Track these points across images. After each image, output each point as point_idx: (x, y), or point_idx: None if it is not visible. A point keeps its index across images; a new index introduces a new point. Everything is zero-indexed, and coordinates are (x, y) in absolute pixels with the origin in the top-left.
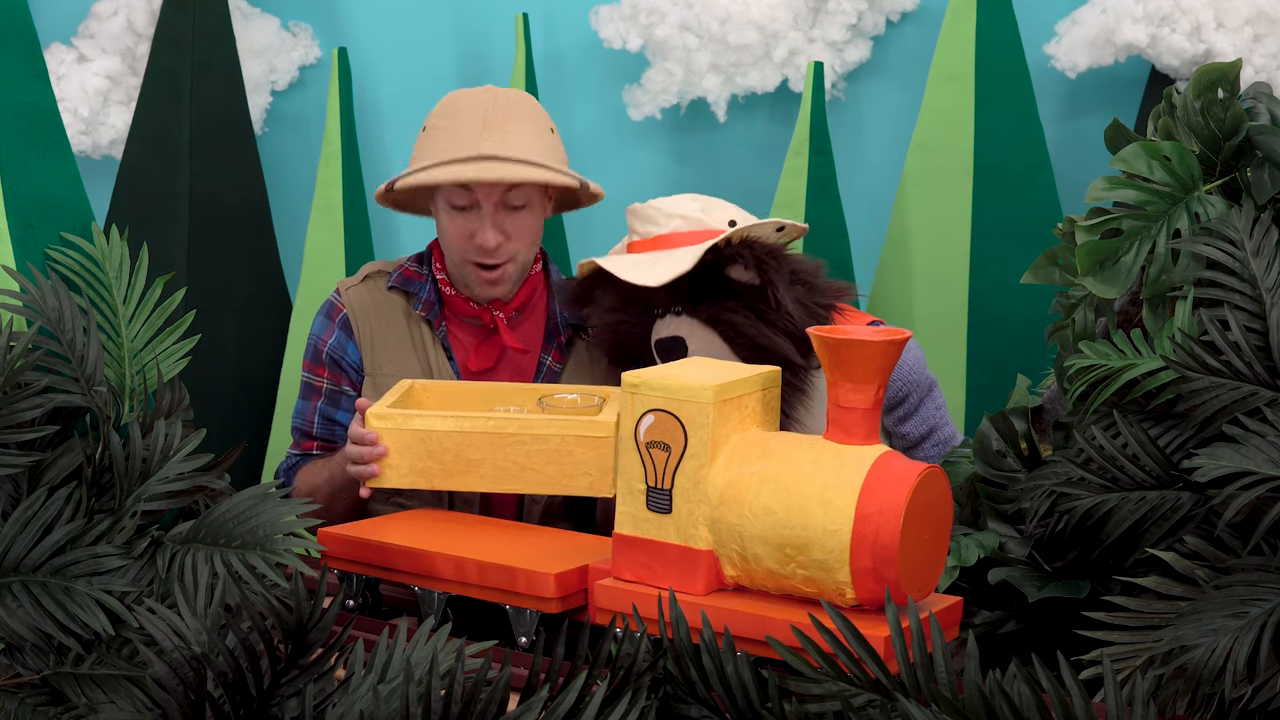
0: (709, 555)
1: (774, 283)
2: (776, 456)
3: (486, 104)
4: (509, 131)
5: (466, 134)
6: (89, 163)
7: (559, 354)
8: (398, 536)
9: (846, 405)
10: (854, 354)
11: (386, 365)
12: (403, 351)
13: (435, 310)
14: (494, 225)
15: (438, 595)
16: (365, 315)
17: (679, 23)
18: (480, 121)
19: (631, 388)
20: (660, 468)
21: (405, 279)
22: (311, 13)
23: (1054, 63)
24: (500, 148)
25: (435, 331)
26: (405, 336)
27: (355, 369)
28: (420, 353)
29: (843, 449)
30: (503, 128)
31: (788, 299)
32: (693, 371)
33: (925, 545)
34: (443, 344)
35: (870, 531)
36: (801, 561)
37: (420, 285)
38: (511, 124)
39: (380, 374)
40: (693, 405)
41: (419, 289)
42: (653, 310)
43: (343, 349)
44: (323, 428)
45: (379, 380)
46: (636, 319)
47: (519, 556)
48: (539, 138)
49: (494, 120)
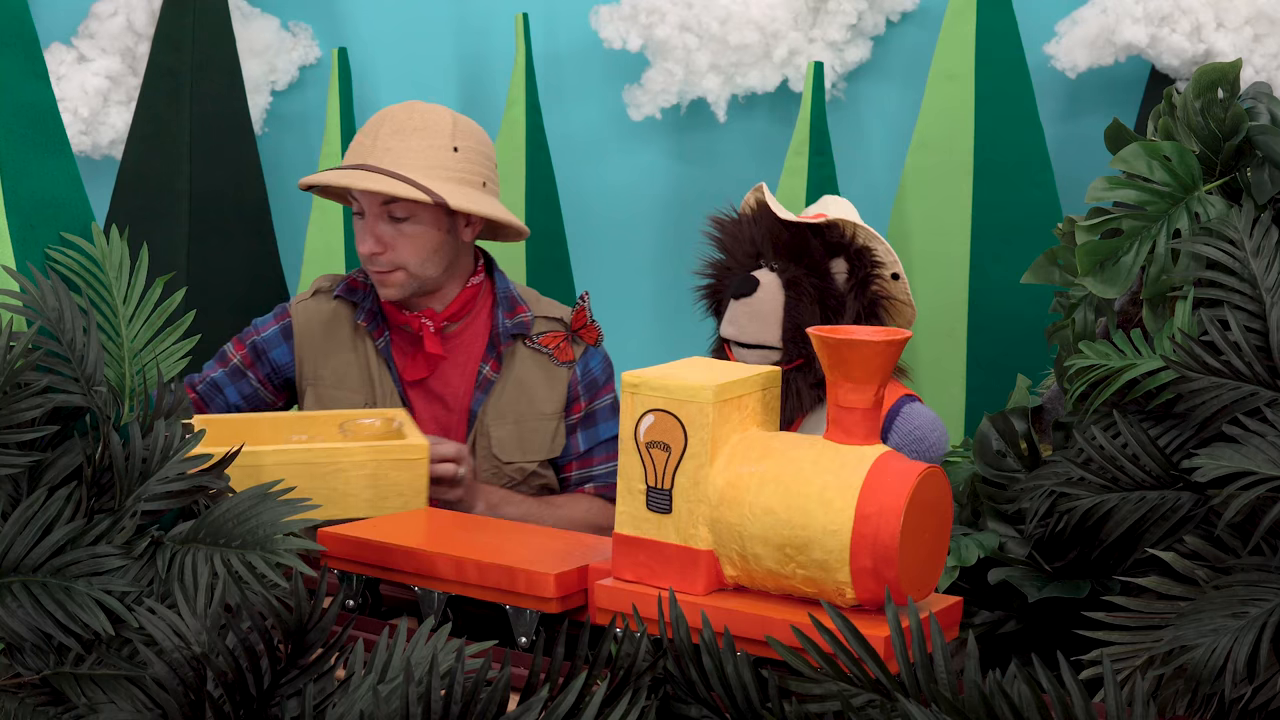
0: (709, 555)
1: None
2: (777, 456)
3: (390, 119)
4: (395, 147)
5: (361, 145)
6: (89, 163)
7: (496, 363)
8: (398, 536)
9: (846, 405)
10: (853, 354)
11: (329, 376)
12: (346, 362)
13: (376, 321)
14: (371, 233)
15: (438, 595)
16: (309, 328)
17: (679, 23)
18: (373, 135)
19: (632, 388)
20: (660, 468)
21: (349, 288)
22: (311, 13)
23: (1054, 63)
24: (381, 160)
25: (375, 342)
26: (348, 346)
27: (274, 369)
28: (363, 363)
29: (843, 449)
30: (391, 142)
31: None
32: (692, 371)
33: (925, 545)
34: (383, 354)
35: (870, 531)
36: (801, 561)
37: (364, 295)
38: (404, 138)
39: (323, 384)
40: (693, 405)
41: (362, 299)
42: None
43: (272, 347)
44: (206, 389)
45: (321, 391)
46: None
47: (519, 556)
48: (430, 154)
49: (387, 134)
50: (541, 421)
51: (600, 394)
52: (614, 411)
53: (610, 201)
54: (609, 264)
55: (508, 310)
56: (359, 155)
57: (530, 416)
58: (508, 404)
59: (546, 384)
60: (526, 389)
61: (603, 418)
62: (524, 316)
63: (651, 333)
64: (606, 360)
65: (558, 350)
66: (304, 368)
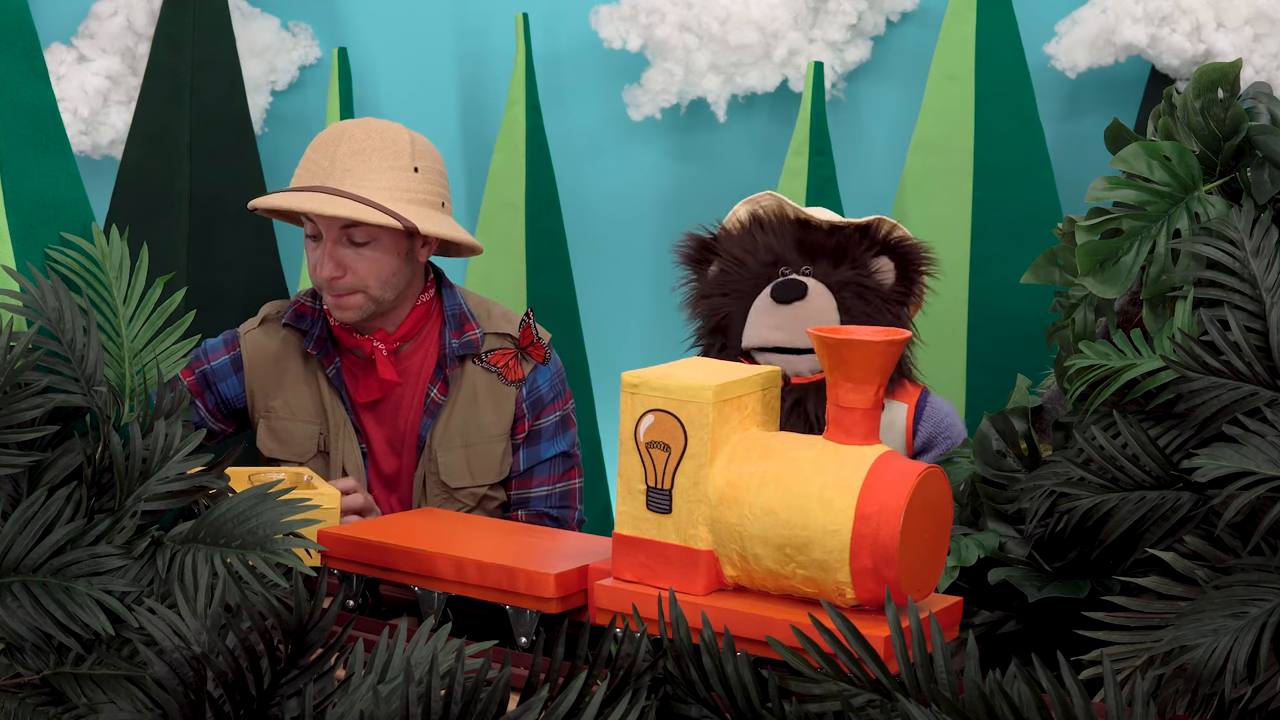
0: (709, 555)
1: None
2: (777, 457)
3: (348, 138)
4: (355, 168)
5: (318, 165)
6: (89, 163)
7: (444, 386)
8: (398, 536)
9: (846, 405)
10: (854, 354)
11: (281, 408)
12: (296, 391)
13: (326, 347)
14: (331, 257)
15: (437, 595)
16: (259, 361)
17: (679, 23)
18: (330, 156)
19: (631, 388)
20: (660, 468)
21: (298, 315)
22: (311, 13)
23: (1054, 63)
24: (342, 181)
25: (326, 371)
26: (299, 375)
27: (222, 399)
28: (314, 390)
29: (843, 449)
30: (351, 163)
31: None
32: (692, 372)
33: (925, 545)
34: (334, 382)
35: (870, 531)
36: (801, 561)
37: (312, 321)
38: (365, 159)
39: (274, 416)
40: (693, 405)
41: (310, 325)
42: (779, 268)
43: (221, 379)
44: None
45: (273, 422)
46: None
47: (519, 556)
48: (391, 175)
49: (346, 154)
50: (489, 444)
51: (545, 413)
52: (558, 429)
53: (610, 201)
54: (609, 264)
55: (455, 329)
56: (315, 176)
57: (479, 439)
58: (455, 428)
59: (494, 405)
60: (474, 411)
61: (546, 436)
62: (472, 335)
63: (651, 333)
64: (556, 376)
65: (506, 369)
66: (255, 400)
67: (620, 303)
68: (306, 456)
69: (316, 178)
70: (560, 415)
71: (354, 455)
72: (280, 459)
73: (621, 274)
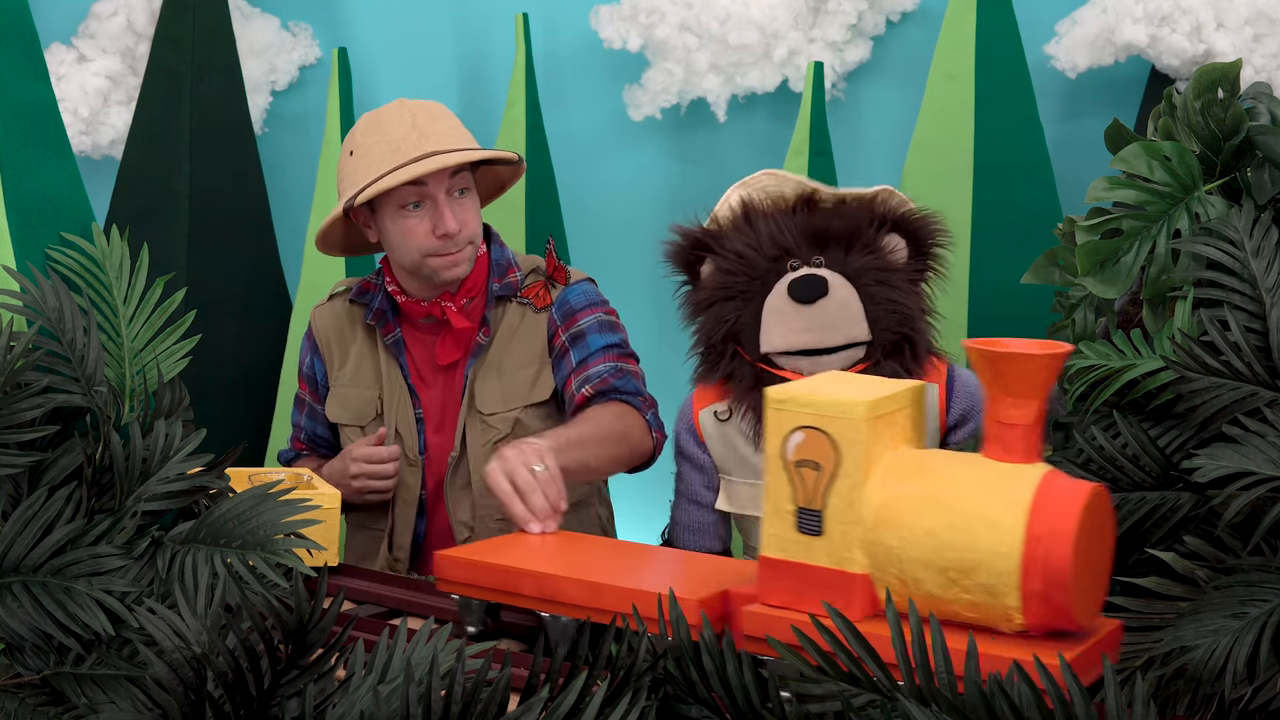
0: (864, 579)
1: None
2: (934, 475)
3: (415, 111)
4: (442, 130)
5: (404, 142)
6: (89, 163)
7: (488, 329)
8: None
9: (1007, 421)
10: (1015, 368)
11: (346, 375)
12: (360, 361)
13: (385, 318)
14: (451, 211)
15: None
16: (328, 333)
17: (679, 23)
18: (410, 128)
19: (778, 404)
20: (810, 488)
21: (362, 291)
22: (311, 13)
23: (1054, 63)
24: (439, 144)
25: (385, 339)
26: (362, 346)
27: (323, 385)
28: (374, 360)
29: (1004, 467)
30: (431, 128)
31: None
32: (840, 386)
33: (1092, 567)
34: (391, 349)
35: (1041, 554)
36: (967, 585)
37: (373, 296)
38: (442, 122)
39: (340, 385)
40: (844, 421)
41: (371, 299)
42: (786, 261)
43: (313, 368)
44: (304, 437)
45: (339, 390)
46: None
47: (656, 581)
48: (462, 130)
49: (423, 123)
50: (520, 370)
51: (580, 316)
52: (603, 328)
53: (610, 201)
54: (609, 264)
55: (498, 276)
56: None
57: (511, 367)
58: (492, 362)
59: (527, 333)
60: (509, 344)
61: (590, 332)
62: (513, 278)
63: (651, 332)
64: (587, 292)
65: (536, 298)
66: (331, 370)
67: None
68: (366, 420)
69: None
70: (599, 318)
71: (408, 417)
72: (344, 423)
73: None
